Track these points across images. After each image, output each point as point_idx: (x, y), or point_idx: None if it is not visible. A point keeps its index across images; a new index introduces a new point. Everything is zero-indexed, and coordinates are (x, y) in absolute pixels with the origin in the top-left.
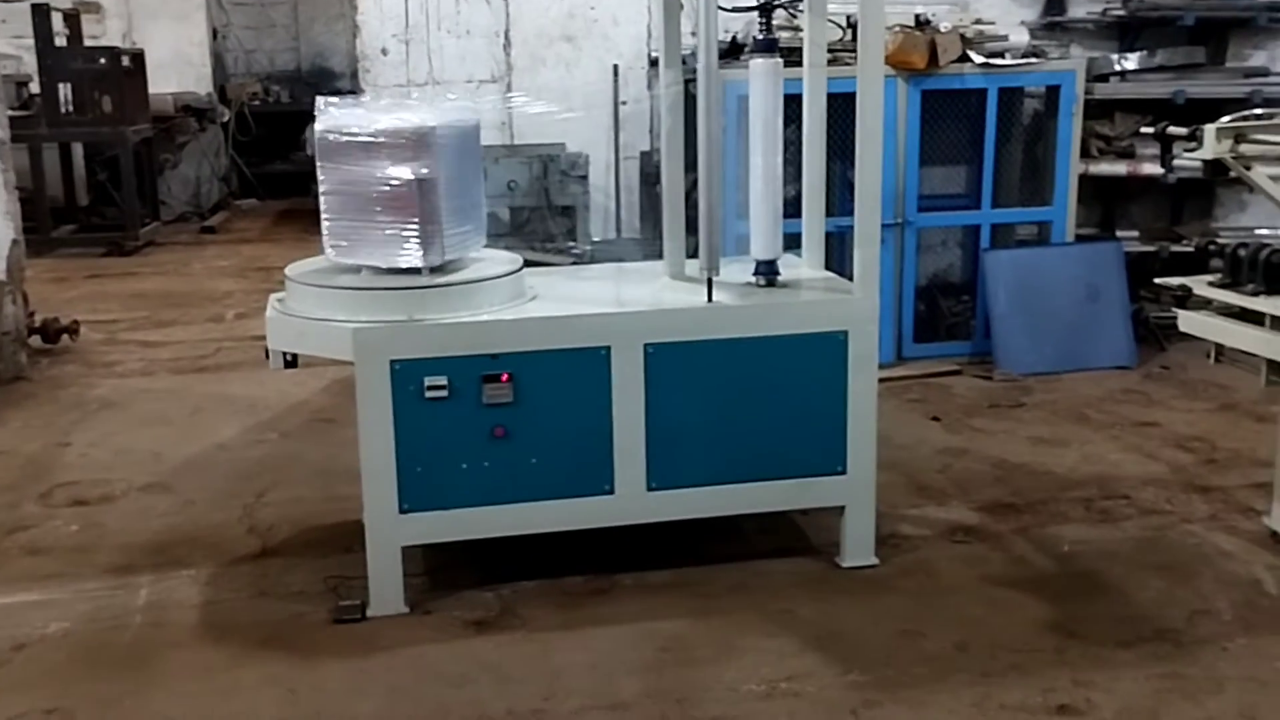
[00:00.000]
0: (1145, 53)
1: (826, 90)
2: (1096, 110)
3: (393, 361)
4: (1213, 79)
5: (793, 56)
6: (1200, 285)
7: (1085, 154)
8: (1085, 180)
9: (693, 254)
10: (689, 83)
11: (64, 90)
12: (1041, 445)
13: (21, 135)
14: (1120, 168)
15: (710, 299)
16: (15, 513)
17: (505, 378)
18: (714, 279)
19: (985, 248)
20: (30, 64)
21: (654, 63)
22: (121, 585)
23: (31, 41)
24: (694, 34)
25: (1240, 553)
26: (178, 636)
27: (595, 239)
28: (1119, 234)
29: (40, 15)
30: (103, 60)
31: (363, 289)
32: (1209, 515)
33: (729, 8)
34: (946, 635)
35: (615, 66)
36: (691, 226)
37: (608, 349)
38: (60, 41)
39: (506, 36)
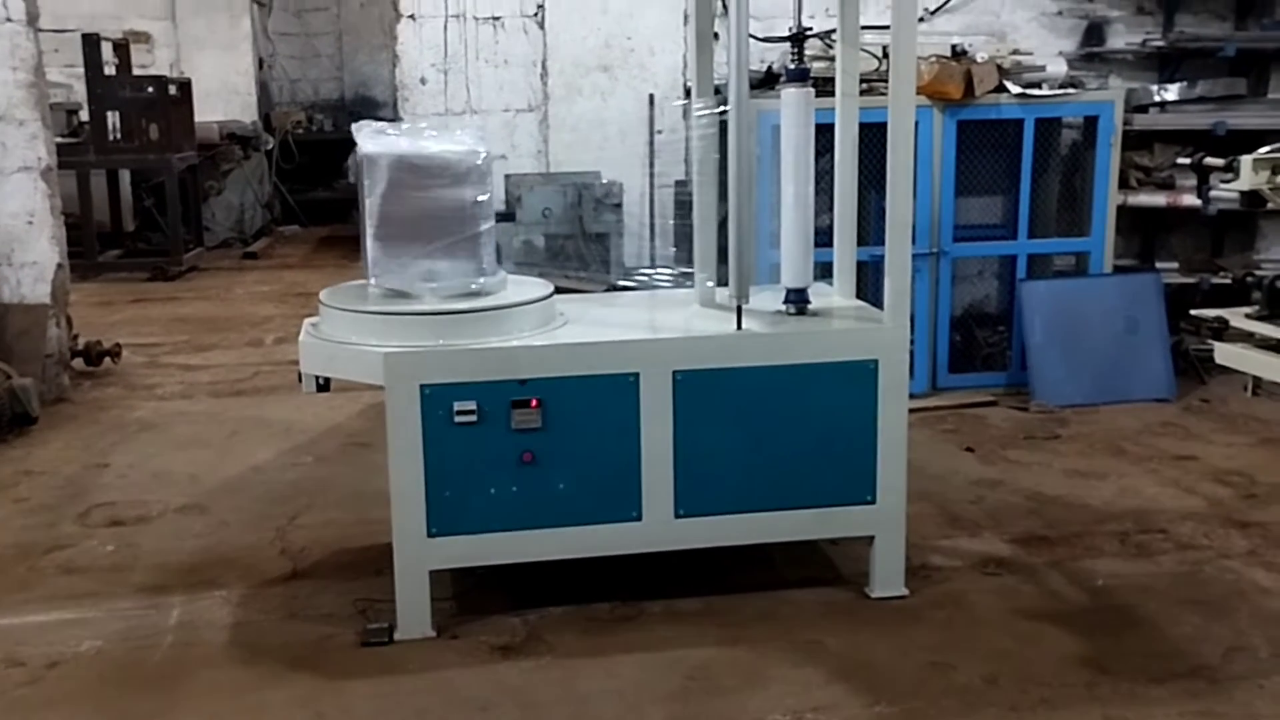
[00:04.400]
0: (1185, 84)
1: (861, 120)
2: (1136, 141)
3: (422, 386)
4: (1254, 110)
5: (828, 87)
6: (1237, 317)
7: (1124, 185)
8: (1124, 211)
9: (724, 282)
10: (723, 112)
11: (112, 118)
12: (1077, 478)
13: (70, 162)
14: (1160, 199)
15: (739, 326)
16: (53, 532)
17: (534, 403)
18: (744, 307)
19: (1022, 278)
20: (80, 92)
21: (689, 93)
22: (154, 605)
23: (81, 70)
24: (727, 63)
25: (1279, 589)
26: (208, 656)
27: (628, 266)
28: (1159, 265)
29: (90, 45)
30: (151, 89)
31: (394, 314)
32: (1247, 550)
33: (761, 38)
34: (976, 668)
35: (651, 96)
36: (723, 255)
37: (637, 375)
38: (109, 70)
39: (544, 66)
